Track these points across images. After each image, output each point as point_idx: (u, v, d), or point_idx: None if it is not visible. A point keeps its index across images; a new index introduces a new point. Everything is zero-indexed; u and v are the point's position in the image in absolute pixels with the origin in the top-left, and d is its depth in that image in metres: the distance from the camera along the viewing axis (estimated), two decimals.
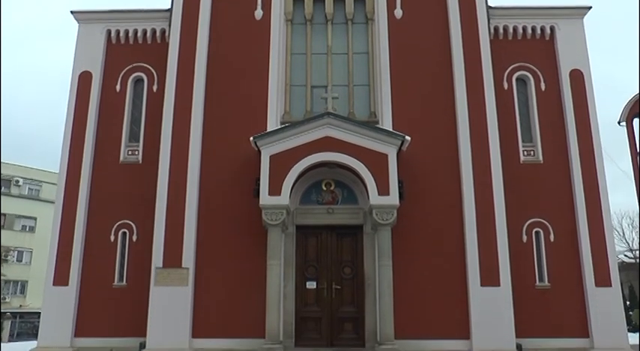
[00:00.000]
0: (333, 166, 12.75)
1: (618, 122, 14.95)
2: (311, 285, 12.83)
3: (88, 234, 13.48)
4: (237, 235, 12.90)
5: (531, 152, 13.85)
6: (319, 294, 12.79)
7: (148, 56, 14.58)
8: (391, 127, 13.18)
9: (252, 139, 12.58)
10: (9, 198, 42.44)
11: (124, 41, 14.78)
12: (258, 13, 14.45)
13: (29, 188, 46.41)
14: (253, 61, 14.02)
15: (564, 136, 13.79)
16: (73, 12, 14.95)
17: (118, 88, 14.46)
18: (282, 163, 12.27)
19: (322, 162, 12.51)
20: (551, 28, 14.55)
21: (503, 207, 12.82)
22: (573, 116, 13.84)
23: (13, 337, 29.57)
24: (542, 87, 14.22)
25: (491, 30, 14.40)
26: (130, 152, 14.11)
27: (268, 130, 13.02)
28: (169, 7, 14.49)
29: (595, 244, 13.01)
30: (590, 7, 14.57)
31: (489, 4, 14.46)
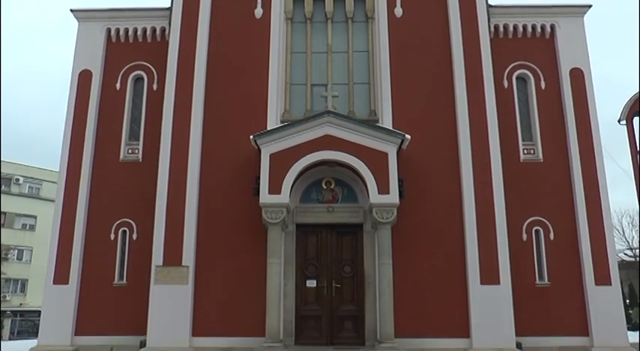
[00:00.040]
0: (333, 164, 12.75)
1: (618, 121, 14.94)
2: (311, 283, 12.83)
3: (88, 232, 13.50)
4: (238, 234, 12.90)
5: (531, 151, 13.86)
6: (319, 292, 12.80)
7: (148, 55, 14.60)
8: (391, 126, 13.17)
9: (252, 137, 12.57)
10: (9, 196, 42.48)
11: (124, 40, 14.79)
12: (258, 12, 14.43)
13: (29, 187, 46.45)
14: (253, 59, 14.02)
15: (564, 135, 13.80)
16: (72, 10, 14.96)
17: (118, 86, 14.47)
18: (282, 161, 12.26)
19: (322, 160, 12.50)
20: (552, 27, 14.55)
21: (503, 205, 12.82)
22: (573, 115, 13.85)
23: (13, 336, 29.59)
24: (543, 85, 14.22)
25: (492, 28, 14.40)
26: (130, 151, 14.12)
27: (268, 128, 13.02)
28: (169, 6, 14.49)
29: (595, 242, 13.03)
30: (590, 6, 14.58)
31: (489, 3, 14.45)
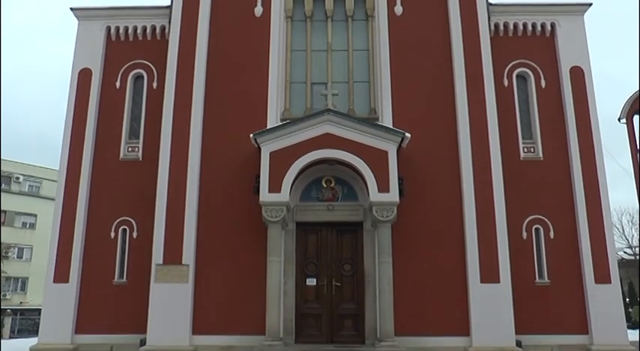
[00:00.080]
0: (333, 162, 12.75)
1: (618, 119, 14.95)
2: (311, 282, 12.84)
3: (88, 231, 13.50)
4: (238, 232, 12.90)
5: (531, 149, 13.85)
6: (319, 291, 12.80)
7: (147, 53, 14.59)
8: (391, 124, 13.17)
9: (252, 136, 12.57)
10: (9, 195, 42.48)
11: (124, 38, 14.78)
12: (258, 10, 14.42)
13: (29, 185, 46.44)
14: (253, 58, 14.01)
15: (564, 133, 13.79)
16: (72, 9, 14.93)
17: (117, 84, 14.46)
18: (282, 159, 12.26)
19: (322, 159, 12.50)
20: (552, 25, 14.53)
21: (503, 204, 12.82)
22: (573, 113, 13.83)
23: (14, 334, 29.55)
24: (543, 84, 14.21)
25: (492, 27, 14.38)
26: (130, 149, 14.11)
27: (268, 126, 13.01)
28: (169, 4, 14.48)
29: (595, 240, 13.02)
30: (590, 4, 14.56)
31: (489, 1, 14.43)
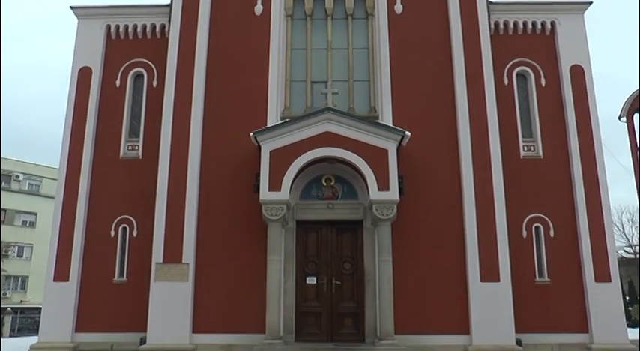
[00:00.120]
0: (333, 161, 12.75)
1: (618, 117, 14.91)
2: (311, 280, 12.84)
3: (88, 229, 13.51)
4: (238, 231, 12.91)
5: (531, 147, 13.85)
6: (319, 289, 12.80)
7: (147, 51, 14.59)
8: (391, 123, 13.17)
9: (252, 134, 12.57)
10: (9, 193, 42.48)
11: (124, 36, 14.78)
12: (258, 9, 14.41)
13: (29, 184, 46.44)
14: (253, 56, 14.00)
15: (564, 132, 13.78)
16: (72, 7, 14.93)
17: (117, 83, 14.46)
18: (282, 158, 12.26)
19: (322, 157, 12.50)
20: (552, 24, 14.52)
21: (503, 202, 12.82)
22: (573, 111, 13.83)
23: (14, 332, 29.56)
24: (543, 82, 14.20)
25: (492, 25, 14.37)
26: (130, 148, 14.12)
27: (268, 125, 13.01)
28: (169, 3, 14.46)
29: (595, 239, 13.02)
30: (590, 3, 14.55)
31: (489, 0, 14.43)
